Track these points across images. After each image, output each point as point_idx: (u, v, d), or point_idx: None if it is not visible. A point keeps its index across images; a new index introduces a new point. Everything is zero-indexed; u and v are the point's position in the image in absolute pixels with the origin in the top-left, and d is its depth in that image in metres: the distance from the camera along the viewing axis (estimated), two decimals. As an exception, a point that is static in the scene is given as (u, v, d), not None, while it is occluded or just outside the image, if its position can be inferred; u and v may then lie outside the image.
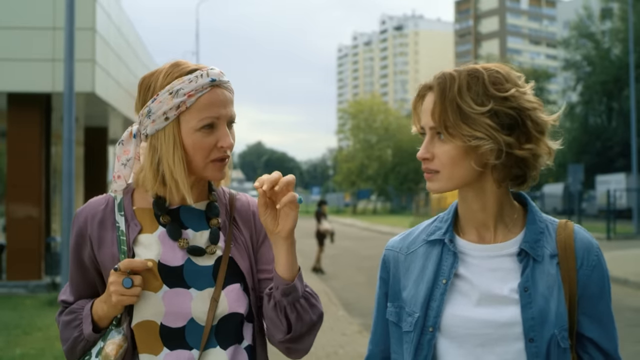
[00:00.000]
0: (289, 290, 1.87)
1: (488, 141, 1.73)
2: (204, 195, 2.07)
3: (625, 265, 17.91)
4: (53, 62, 13.90)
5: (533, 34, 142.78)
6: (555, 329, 1.75)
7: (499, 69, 1.82)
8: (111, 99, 15.76)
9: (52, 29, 14.03)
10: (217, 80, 1.94)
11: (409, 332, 1.88)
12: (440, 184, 1.83)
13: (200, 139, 1.92)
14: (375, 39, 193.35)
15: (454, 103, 1.75)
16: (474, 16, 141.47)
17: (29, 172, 14.40)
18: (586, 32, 52.88)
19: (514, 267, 1.83)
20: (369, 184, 75.62)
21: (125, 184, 2.06)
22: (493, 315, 1.79)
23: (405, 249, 1.99)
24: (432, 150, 1.82)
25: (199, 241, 1.99)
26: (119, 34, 17.21)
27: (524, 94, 1.79)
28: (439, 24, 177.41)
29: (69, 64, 11.90)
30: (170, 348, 1.91)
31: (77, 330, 1.97)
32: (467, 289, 1.84)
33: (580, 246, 1.83)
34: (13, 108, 14.47)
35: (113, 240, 1.97)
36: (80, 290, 2.06)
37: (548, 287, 1.79)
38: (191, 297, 1.93)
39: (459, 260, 1.87)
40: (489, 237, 1.87)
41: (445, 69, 1.86)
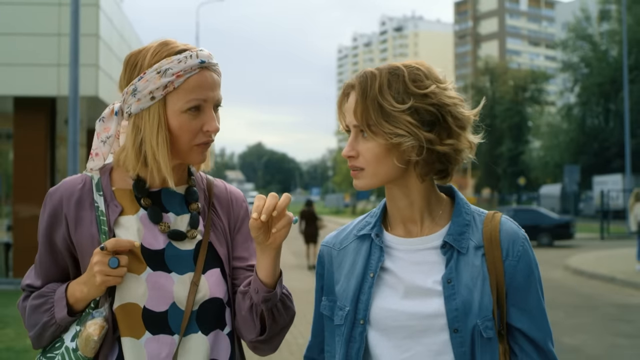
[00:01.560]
0: (269, 297, 1.86)
1: (409, 138, 1.75)
2: (184, 180, 2.04)
3: (613, 264, 18.40)
4: (58, 67, 14.38)
5: (532, 35, 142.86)
6: (478, 319, 1.78)
7: (419, 65, 1.83)
8: (113, 101, 16.20)
9: (57, 35, 14.51)
10: (206, 62, 1.91)
11: (340, 325, 1.91)
12: (366, 181, 1.85)
13: (187, 121, 1.89)
14: (375, 40, 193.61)
15: (375, 101, 1.77)
16: (473, 17, 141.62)
17: (34, 173, 14.86)
18: (583, 34, 53.23)
19: (438, 259, 1.85)
20: (368, 185, 75.97)
21: (103, 163, 2.02)
22: (418, 307, 1.82)
23: (338, 245, 2.01)
24: (356, 148, 1.84)
25: (180, 225, 1.96)
26: (121, 39, 17.71)
27: (444, 89, 1.80)
28: (438, 25, 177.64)
29: (73, 69, 12.40)
30: (152, 332, 1.87)
31: (47, 315, 1.90)
32: (394, 282, 1.87)
33: (505, 237, 1.85)
34: (19, 111, 14.95)
35: (92, 220, 1.91)
36: (49, 274, 1.98)
37: (472, 279, 1.81)
38: (173, 281, 1.90)
39: (384, 254, 1.89)
40: (415, 231, 1.90)
41: (367, 68, 1.87)
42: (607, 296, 13.83)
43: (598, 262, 18.92)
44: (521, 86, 68.69)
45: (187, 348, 1.89)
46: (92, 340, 1.82)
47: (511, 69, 78.24)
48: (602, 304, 12.76)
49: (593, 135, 51.78)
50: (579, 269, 17.86)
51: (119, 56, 17.06)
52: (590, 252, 22.92)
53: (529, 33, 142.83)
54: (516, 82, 69.64)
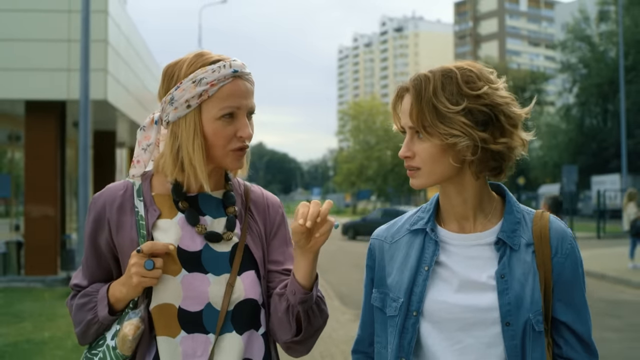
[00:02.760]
0: (306, 298, 1.90)
1: (464, 138, 1.78)
2: (221, 185, 2.10)
3: (606, 262, 18.81)
4: (68, 71, 14.88)
5: (532, 35, 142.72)
6: (530, 314, 1.82)
7: (471, 67, 1.86)
8: (120, 105, 16.74)
9: (67, 41, 15.02)
10: (239, 72, 1.96)
11: (394, 316, 1.94)
12: (422, 180, 1.89)
13: (221, 128, 1.95)
14: (376, 40, 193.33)
15: (430, 103, 1.80)
16: (473, 18, 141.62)
17: (45, 174, 15.40)
18: (582, 35, 53.45)
19: (492, 255, 1.89)
20: (368, 185, 76.18)
21: (144, 169, 2.09)
22: (472, 300, 1.85)
23: (390, 238, 2.05)
24: (412, 149, 1.87)
25: (216, 227, 2.02)
26: (128, 43, 18.19)
27: (496, 90, 1.84)
28: (438, 25, 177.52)
29: (84, 75, 12.91)
30: (187, 331, 1.93)
31: (91, 313, 1.99)
32: (448, 275, 1.90)
33: (554, 235, 1.90)
34: (30, 114, 15.49)
35: (132, 224, 1.98)
36: (94, 275, 2.07)
37: (524, 274, 1.85)
38: (209, 282, 1.95)
39: (440, 249, 1.93)
40: (468, 227, 1.94)
41: (421, 70, 1.92)
42: (599, 293, 14.22)
43: (592, 260, 19.28)
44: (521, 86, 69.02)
45: (222, 347, 1.94)
46: (128, 340, 1.89)
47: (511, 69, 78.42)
48: (593, 300, 13.16)
49: (591, 136, 51.99)
50: (574, 267, 18.17)
51: (125, 60, 17.55)
52: (586, 250, 23.23)
53: (529, 33, 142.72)
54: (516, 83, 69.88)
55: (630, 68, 45.96)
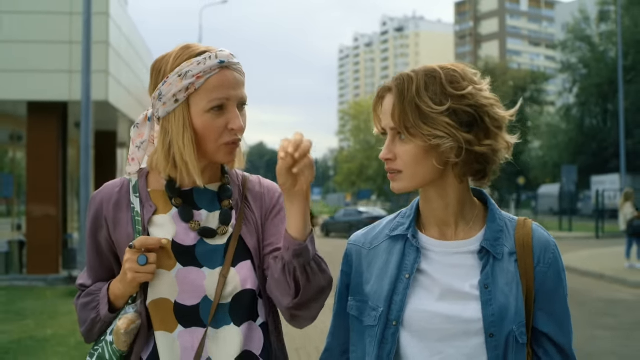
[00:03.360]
0: (300, 251, 1.81)
1: (448, 139, 1.74)
2: (217, 177, 2.08)
3: (604, 262, 18.93)
4: (70, 73, 15.05)
5: (532, 35, 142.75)
6: (513, 325, 1.78)
7: (455, 67, 1.82)
8: (121, 106, 16.91)
9: (68, 42, 15.18)
10: (225, 62, 1.92)
11: (373, 326, 1.88)
12: (404, 184, 1.84)
13: (210, 121, 1.91)
14: (376, 40, 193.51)
15: (413, 103, 1.76)
16: (473, 18, 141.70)
17: (47, 175, 15.55)
18: (582, 35, 53.55)
19: (475, 264, 1.84)
20: (369, 185, 76.38)
21: (139, 167, 2.08)
22: (454, 310, 1.80)
23: (368, 244, 1.99)
24: (394, 151, 1.83)
25: (211, 222, 2.00)
26: (129, 45, 18.35)
27: (480, 90, 1.80)
28: (439, 25, 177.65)
29: (86, 76, 13.07)
30: (184, 325, 1.91)
31: (94, 312, 1.99)
32: (429, 284, 1.85)
33: (537, 244, 1.86)
34: (32, 115, 15.65)
35: (128, 220, 1.98)
36: (98, 274, 2.07)
37: (507, 284, 1.81)
38: (204, 276, 1.93)
39: (421, 256, 1.87)
40: (450, 234, 1.89)
41: (403, 71, 1.87)
42: (596, 292, 14.33)
43: (590, 260, 19.41)
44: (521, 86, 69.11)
45: (221, 340, 1.92)
46: (121, 334, 1.89)
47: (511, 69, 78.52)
48: (590, 300, 13.28)
49: (591, 136, 52.06)
50: (571, 267, 18.28)
51: (126, 61, 17.71)
52: (584, 250, 23.38)
53: (529, 33, 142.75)
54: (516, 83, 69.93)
55: (630, 68, 46.06)
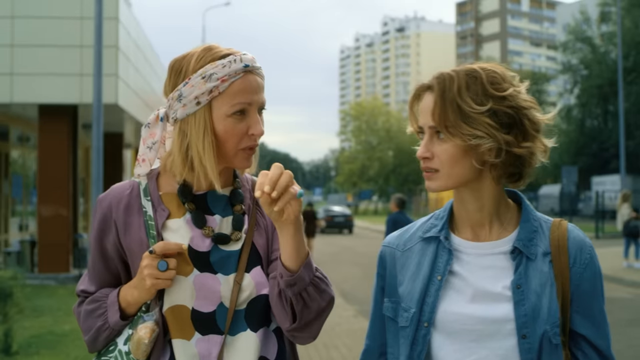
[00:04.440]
0: (293, 281, 1.79)
1: (488, 140, 1.73)
2: (229, 182, 2.03)
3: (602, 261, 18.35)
4: (81, 76, 15.44)
5: (534, 35, 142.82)
6: (547, 326, 1.76)
7: (495, 68, 1.82)
8: (130, 108, 17.30)
9: (79, 46, 15.58)
10: (250, 66, 1.89)
11: (405, 327, 1.88)
12: (440, 183, 1.82)
13: (232, 125, 1.88)
14: (378, 40, 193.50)
15: (454, 103, 1.75)
16: (475, 18, 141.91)
17: (58, 176, 15.94)
18: (583, 36, 53.77)
19: (507, 265, 1.83)
20: (370, 185, 76.62)
21: (149, 168, 2.01)
22: (486, 311, 1.79)
23: (402, 246, 1.98)
24: (431, 149, 1.80)
25: (225, 227, 1.96)
26: (137, 48, 18.74)
27: (519, 93, 1.79)
28: (440, 25, 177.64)
29: (97, 80, 13.42)
30: (202, 333, 1.87)
31: (101, 319, 1.91)
32: (461, 285, 1.84)
33: (573, 245, 1.83)
34: (43, 118, 16.06)
35: (140, 225, 1.92)
36: (102, 279, 2.00)
37: (540, 285, 1.79)
38: (219, 282, 1.89)
39: (453, 258, 1.87)
40: (483, 235, 1.87)
41: (443, 69, 1.86)
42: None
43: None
44: (522, 87, 68.88)
45: (237, 347, 1.89)
46: (143, 344, 1.83)
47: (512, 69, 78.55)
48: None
49: (592, 137, 52.26)
50: (570, 266, 18.66)
51: (134, 64, 18.10)
52: (583, 250, 23.68)
53: (531, 34, 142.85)
54: (517, 83, 69.75)
55: (631, 69, 46.29)
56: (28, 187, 20.46)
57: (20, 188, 19.83)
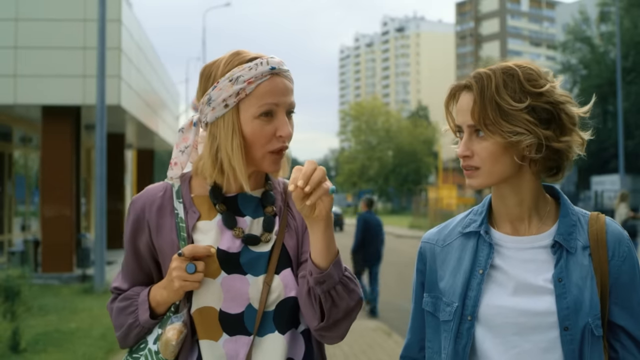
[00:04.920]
0: (322, 278, 1.80)
1: (528, 136, 1.76)
2: (261, 184, 2.05)
3: None
4: (84, 78, 15.61)
5: (533, 35, 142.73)
6: (589, 318, 1.78)
7: (530, 65, 1.85)
8: (132, 109, 17.47)
9: (82, 48, 15.75)
10: (276, 69, 1.92)
11: (448, 321, 1.90)
12: (481, 180, 1.85)
13: (259, 127, 1.90)
14: (377, 40, 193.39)
15: (493, 101, 1.78)
16: (474, 18, 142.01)
17: (61, 176, 16.09)
18: (582, 36, 53.92)
19: (548, 258, 1.85)
20: (370, 185, 76.74)
21: (181, 171, 2.05)
22: (528, 304, 1.82)
23: (442, 242, 2.01)
24: (471, 148, 1.83)
25: (255, 229, 1.97)
26: (139, 50, 18.92)
27: (555, 88, 1.83)
28: (440, 25, 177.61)
29: (100, 81, 13.63)
30: (229, 334, 1.89)
31: (132, 317, 1.96)
32: (503, 279, 1.86)
33: (611, 238, 1.86)
34: (47, 119, 16.22)
35: (172, 226, 1.95)
36: (135, 278, 2.04)
37: (581, 278, 1.82)
38: (248, 283, 1.91)
39: (494, 251, 1.89)
40: (523, 230, 1.90)
41: (480, 69, 1.88)
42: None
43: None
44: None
45: (265, 348, 1.90)
46: (171, 345, 1.86)
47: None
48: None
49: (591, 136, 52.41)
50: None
51: (137, 66, 18.29)
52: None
53: (530, 34, 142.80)
54: (516, 83, 69.73)
55: (631, 69, 46.40)
56: (30, 188, 20.62)
57: (24, 188, 19.99)
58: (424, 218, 40.95)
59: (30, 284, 9.15)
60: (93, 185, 23.00)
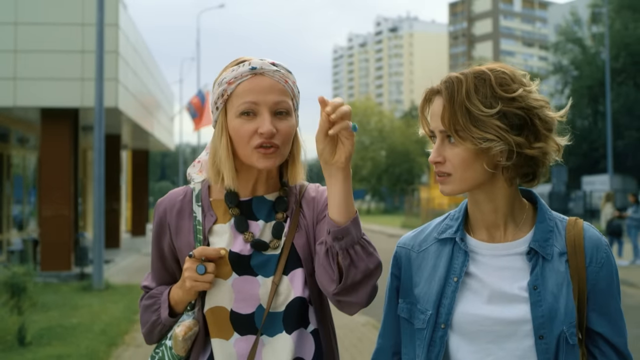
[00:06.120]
0: (340, 233, 1.77)
1: (499, 142, 1.72)
2: (276, 187, 2.08)
3: None
4: (82, 80, 15.96)
5: (526, 36, 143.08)
6: (564, 326, 1.76)
7: (504, 69, 1.80)
8: (128, 111, 17.83)
9: (80, 52, 16.09)
10: (258, 68, 1.94)
11: (422, 329, 1.88)
12: (453, 187, 1.81)
13: (240, 125, 1.93)
14: (371, 40, 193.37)
15: (463, 106, 1.73)
16: (467, 18, 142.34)
17: (59, 176, 16.42)
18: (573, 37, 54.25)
19: (523, 265, 1.82)
20: (363, 185, 76.91)
21: (199, 170, 2.15)
22: (503, 312, 1.79)
23: (417, 247, 1.98)
24: (443, 154, 1.80)
25: (267, 233, 2.01)
26: (135, 53, 19.27)
27: (530, 92, 1.77)
28: (433, 25, 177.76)
29: (99, 84, 13.98)
30: (240, 333, 1.94)
31: (155, 314, 2.05)
32: (478, 287, 1.84)
33: (589, 244, 1.83)
34: (45, 121, 16.58)
35: (190, 229, 2.02)
36: (161, 277, 2.13)
37: (557, 285, 1.79)
38: (259, 284, 1.95)
39: (469, 259, 1.86)
40: (499, 236, 1.87)
41: (451, 72, 1.83)
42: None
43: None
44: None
45: (273, 348, 1.94)
46: (179, 340, 1.95)
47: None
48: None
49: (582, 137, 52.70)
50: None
51: (133, 69, 18.65)
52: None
53: (523, 34, 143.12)
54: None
55: (621, 70, 46.84)
56: (27, 188, 20.91)
57: (21, 188, 20.28)
58: (416, 218, 41.26)
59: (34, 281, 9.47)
60: (89, 186, 23.38)
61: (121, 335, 9.24)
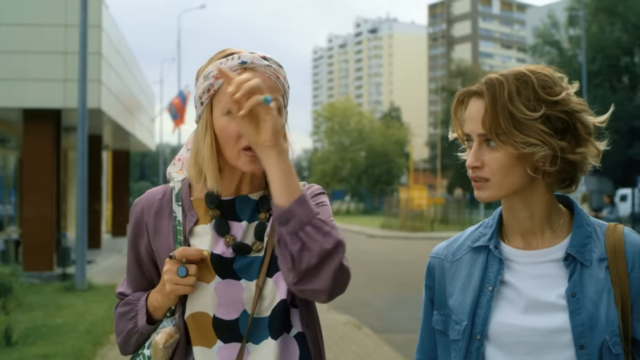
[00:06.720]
0: (284, 216, 1.67)
1: (543, 147, 1.66)
2: (261, 187, 1.96)
3: None
4: (64, 82, 16.00)
5: (504, 38, 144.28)
6: (605, 335, 1.68)
7: (544, 71, 1.74)
8: (111, 112, 17.89)
9: (63, 53, 16.14)
10: (248, 62, 1.81)
11: (457, 340, 1.82)
12: (490, 192, 1.74)
13: (227, 124, 1.80)
14: (350, 41, 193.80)
15: (506, 109, 1.67)
16: (446, 20, 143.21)
17: (42, 177, 16.44)
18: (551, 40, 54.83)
19: (561, 272, 1.76)
20: (342, 185, 77.20)
21: (180, 168, 2.03)
22: (541, 322, 1.72)
23: (451, 256, 1.92)
24: (481, 158, 1.73)
25: (250, 234, 1.89)
26: (117, 54, 19.33)
27: (571, 96, 1.72)
28: (412, 27, 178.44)
29: (82, 86, 14.06)
30: (224, 341, 1.84)
31: (131, 322, 1.93)
32: (514, 296, 1.77)
33: (630, 249, 1.75)
34: (28, 122, 16.61)
35: (169, 229, 1.90)
36: (137, 283, 1.99)
37: (597, 292, 1.71)
38: (242, 288, 1.85)
39: (504, 267, 1.80)
40: (535, 243, 1.80)
41: (491, 74, 1.76)
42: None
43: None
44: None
45: (259, 354, 1.84)
46: (159, 349, 1.83)
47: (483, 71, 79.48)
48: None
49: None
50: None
51: (116, 70, 18.72)
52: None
53: (501, 36, 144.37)
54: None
55: (597, 73, 47.41)
56: (8, 188, 20.88)
57: (2, 189, 20.25)
58: (396, 218, 41.53)
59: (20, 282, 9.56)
60: (70, 186, 23.38)
61: (106, 335, 9.33)
